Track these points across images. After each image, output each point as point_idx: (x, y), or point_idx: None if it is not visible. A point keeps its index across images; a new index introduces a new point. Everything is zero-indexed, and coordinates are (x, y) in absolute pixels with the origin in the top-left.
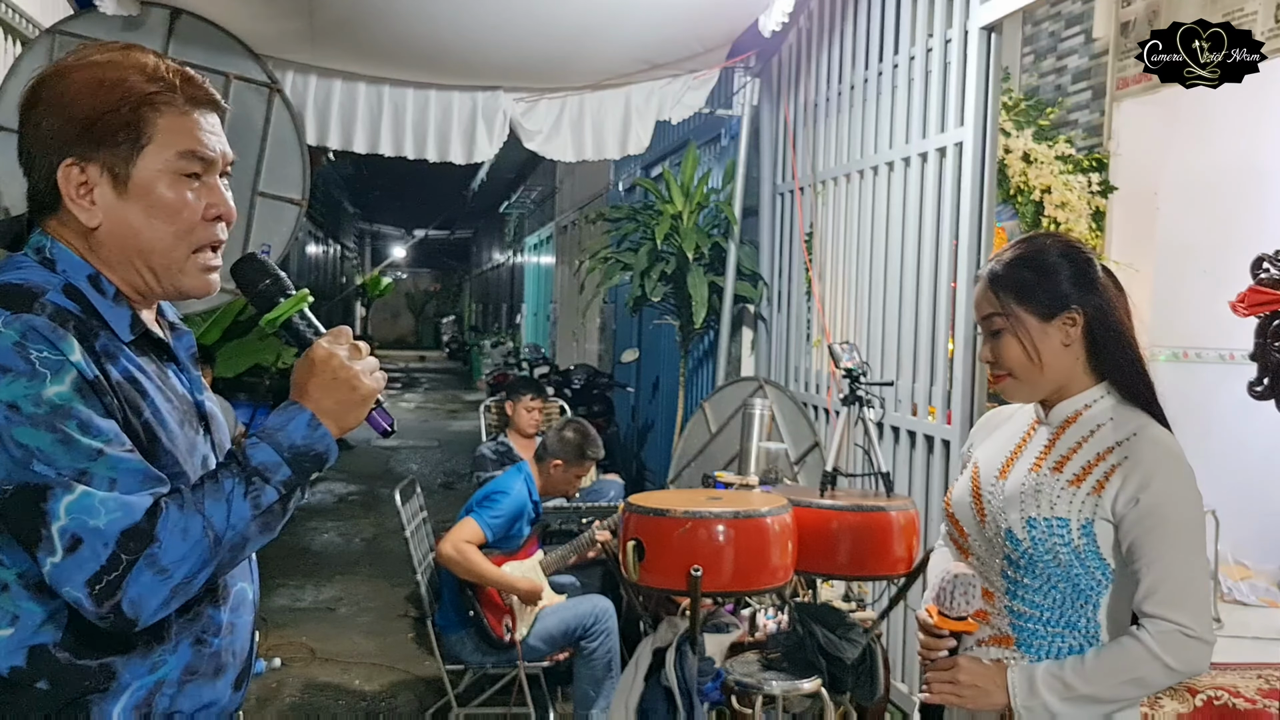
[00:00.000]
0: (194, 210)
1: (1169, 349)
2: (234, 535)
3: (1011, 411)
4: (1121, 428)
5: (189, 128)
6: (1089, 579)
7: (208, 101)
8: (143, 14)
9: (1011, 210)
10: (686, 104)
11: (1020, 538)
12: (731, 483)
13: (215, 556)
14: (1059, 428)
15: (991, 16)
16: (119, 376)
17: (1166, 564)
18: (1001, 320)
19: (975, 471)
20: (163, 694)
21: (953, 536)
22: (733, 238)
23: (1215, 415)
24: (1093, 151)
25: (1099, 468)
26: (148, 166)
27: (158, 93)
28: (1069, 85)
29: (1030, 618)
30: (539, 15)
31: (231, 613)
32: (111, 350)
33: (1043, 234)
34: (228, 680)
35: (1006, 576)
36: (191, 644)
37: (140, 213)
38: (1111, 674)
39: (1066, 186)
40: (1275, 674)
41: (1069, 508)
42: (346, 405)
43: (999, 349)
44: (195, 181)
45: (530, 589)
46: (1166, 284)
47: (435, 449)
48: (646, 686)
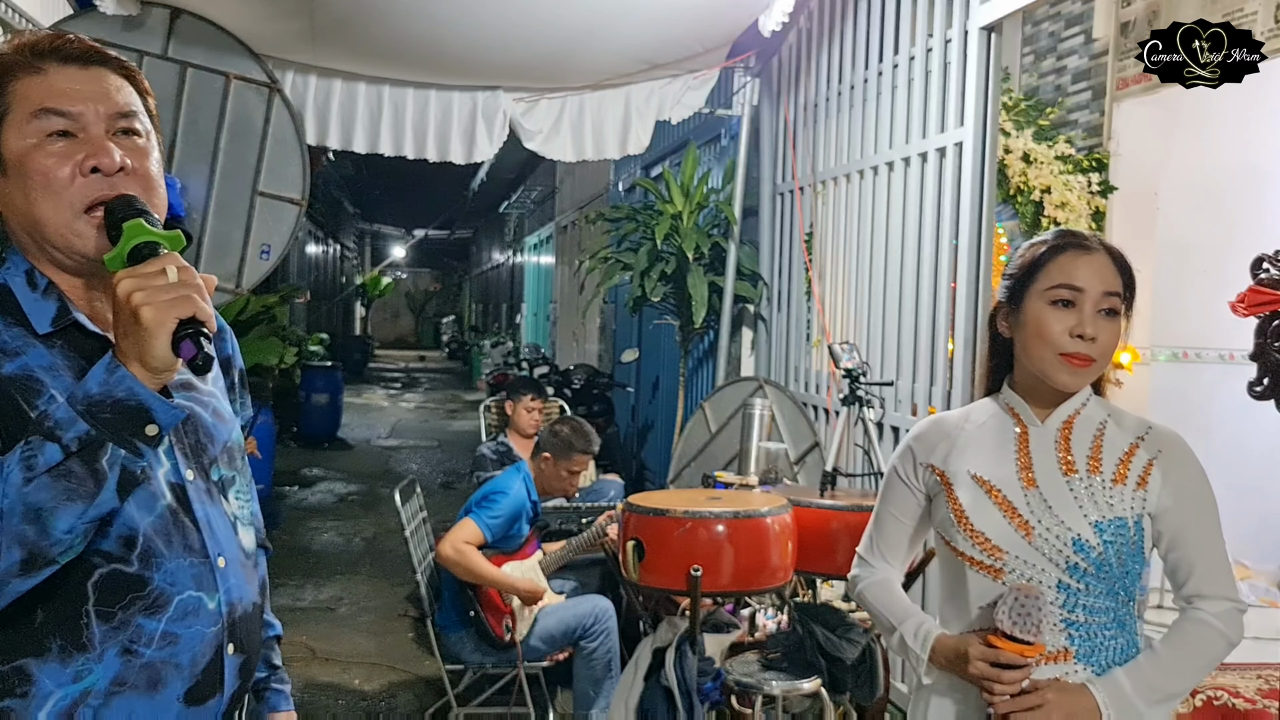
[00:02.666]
0: (60, 169)
1: (1169, 349)
2: (14, 504)
3: (959, 420)
4: (1125, 423)
5: (41, 85)
6: (1134, 576)
7: (76, 56)
8: (143, 14)
9: (1011, 210)
10: (686, 104)
11: (1092, 544)
12: (731, 483)
13: (4, 528)
14: (1061, 429)
15: (991, 16)
16: (10, 372)
17: (1213, 548)
18: (1117, 301)
19: (991, 488)
20: (88, 705)
21: (980, 563)
22: (733, 238)
23: (1215, 415)
24: (1093, 151)
25: (1133, 464)
26: (11, 139)
27: (14, 62)
28: (1069, 85)
29: (1089, 625)
30: (539, 15)
31: (173, 623)
32: (12, 348)
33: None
34: (171, 695)
35: (1065, 588)
36: (119, 653)
37: (20, 189)
38: (1191, 663)
39: (1066, 186)
40: (1275, 674)
41: (1123, 507)
42: (136, 340)
43: (1110, 330)
44: (60, 141)
45: (530, 589)
46: (1166, 284)
47: (435, 449)
48: (646, 686)
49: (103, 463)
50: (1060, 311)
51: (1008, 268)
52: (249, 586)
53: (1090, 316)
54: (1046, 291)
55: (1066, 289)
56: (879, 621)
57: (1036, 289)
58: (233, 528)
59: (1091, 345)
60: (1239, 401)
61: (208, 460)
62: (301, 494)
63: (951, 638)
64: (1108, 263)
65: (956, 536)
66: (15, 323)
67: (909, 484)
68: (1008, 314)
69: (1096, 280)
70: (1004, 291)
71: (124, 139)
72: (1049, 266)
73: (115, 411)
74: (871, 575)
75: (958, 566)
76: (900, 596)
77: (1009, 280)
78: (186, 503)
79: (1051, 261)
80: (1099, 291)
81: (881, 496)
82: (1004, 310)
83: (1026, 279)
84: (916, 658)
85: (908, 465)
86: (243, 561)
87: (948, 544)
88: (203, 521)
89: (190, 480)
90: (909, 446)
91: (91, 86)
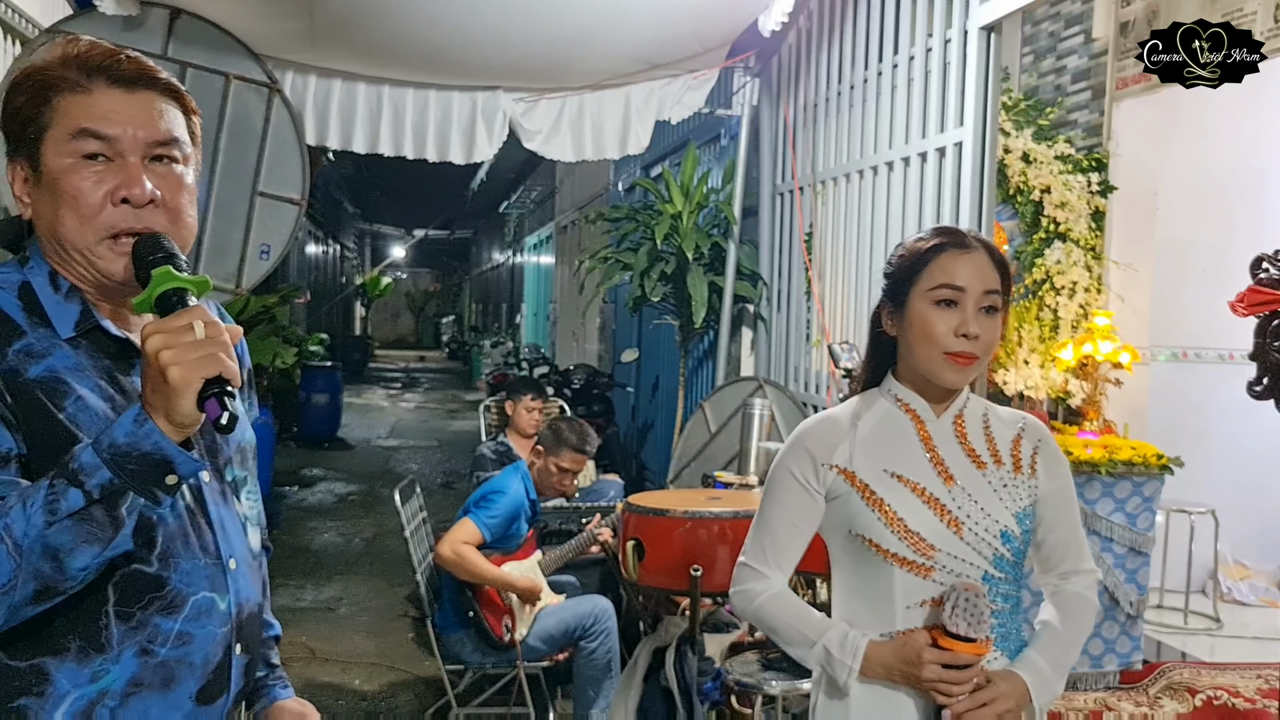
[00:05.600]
0: (91, 195)
1: (1169, 349)
2: (33, 543)
3: (849, 418)
4: (1002, 415)
5: (85, 105)
6: (1024, 559)
7: (125, 78)
8: (142, 14)
9: (1011, 210)
10: (686, 104)
11: (1015, 534)
12: (731, 483)
13: (23, 564)
14: (955, 423)
15: (991, 16)
16: (37, 375)
17: (1078, 527)
18: (997, 299)
19: (914, 486)
20: (104, 705)
21: (909, 562)
22: (732, 238)
23: (1215, 415)
24: (1092, 151)
25: (1022, 453)
26: (49, 153)
27: (61, 77)
28: (1069, 85)
29: (1002, 613)
30: (539, 15)
31: (188, 622)
32: (39, 350)
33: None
34: (184, 693)
35: (989, 579)
36: (136, 654)
37: (50, 202)
38: (1081, 634)
39: (1066, 186)
40: (1275, 674)
41: (1027, 495)
42: (164, 396)
43: (991, 327)
44: (97, 163)
45: (529, 589)
46: (1166, 284)
47: (435, 449)
48: (646, 686)
49: (122, 510)
50: (943, 311)
51: (887, 266)
52: (254, 587)
53: (973, 315)
54: (929, 292)
55: (949, 289)
56: (786, 635)
57: (919, 289)
58: (243, 529)
59: (975, 343)
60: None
61: (222, 461)
62: (301, 494)
63: (885, 644)
64: (986, 261)
65: (886, 537)
66: (40, 323)
67: (807, 487)
68: (891, 313)
69: (977, 279)
70: (886, 291)
71: (159, 166)
72: (930, 267)
73: (140, 463)
74: (768, 587)
75: (881, 567)
76: (807, 607)
77: (890, 280)
78: (203, 504)
79: (933, 261)
80: (980, 290)
81: (771, 501)
82: (887, 309)
83: (908, 279)
84: (845, 668)
85: (805, 467)
86: (250, 562)
87: (871, 545)
88: (217, 523)
89: (206, 482)
90: (804, 448)
91: (134, 111)
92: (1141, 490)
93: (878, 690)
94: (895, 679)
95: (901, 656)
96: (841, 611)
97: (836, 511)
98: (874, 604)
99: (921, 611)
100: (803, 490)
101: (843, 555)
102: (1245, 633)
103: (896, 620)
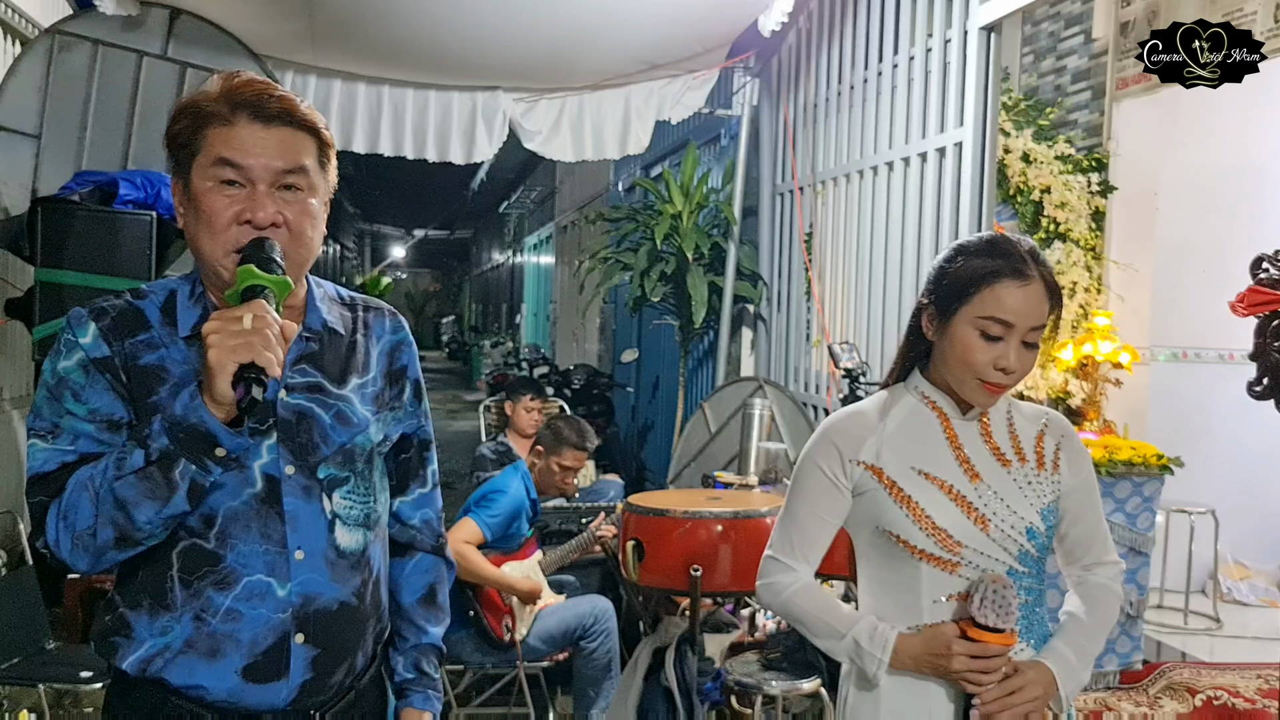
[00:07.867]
0: (222, 215)
1: (1169, 349)
2: (106, 493)
3: (876, 413)
4: (1025, 411)
5: (227, 136)
6: (1047, 554)
7: (265, 115)
8: (142, 14)
9: (1011, 210)
10: (686, 104)
11: (1041, 530)
12: (731, 483)
13: (100, 511)
14: (980, 420)
15: (991, 16)
16: (148, 362)
17: (1102, 519)
18: (1040, 335)
19: (941, 483)
20: (162, 658)
21: (936, 558)
22: (732, 238)
23: (1215, 415)
24: (1092, 151)
25: (1045, 449)
26: (196, 176)
27: (214, 111)
28: (1069, 85)
29: (1028, 605)
30: (539, 15)
31: (238, 600)
32: (156, 342)
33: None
34: (229, 666)
35: (1014, 574)
36: (193, 619)
37: (193, 218)
38: (1106, 624)
39: (1066, 186)
40: (1275, 674)
41: (1050, 491)
42: (207, 375)
43: (1030, 360)
44: (231, 188)
45: (530, 589)
46: (1166, 284)
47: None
48: (646, 686)
49: (175, 474)
50: (987, 344)
51: (938, 268)
52: (336, 585)
53: (1015, 349)
54: (978, 319)
55: (998, 324)
56: (814, 628)
57: (968, 312)
58: (328, 525)
59: (1011, 376)
60: (1238, 401)
61: (315, 459)
62: None
63: (915, 636)
64: (1041, 293)
65: (914, 533)
66: (169, 323)
67: (835, 481)
68: (933, 318)
69: (1027, 316)
70: (931, 295)
71: (285, 193)
72: (984, 293)
73: (188, 434)
74: (796, 579)
75: (908, 563)
76: (835, 600)
77: (938, 286)
78: (277, 495)
79: (987, 289)
80: (1027, 327)
81: (798, 495)
82: (929, 313)
83: (958, 296)
84: (875, 660)
85: (833, 462)
86: (332, 559)
87: (898, 541)
88: (289, 514)
89: (289, 475)
90: (831, 442)
91: (267, 144)
92: (1141, 490)
93: (908, 681)
94: (925, 670)
95: (930, 648)
96: (868, 605)
97: (864, 507)
98: (901, 598)
99: (948, 606)
100: (830, 484)
101: (869, 550)
102: (1245, 633)
103: (923, 614)
